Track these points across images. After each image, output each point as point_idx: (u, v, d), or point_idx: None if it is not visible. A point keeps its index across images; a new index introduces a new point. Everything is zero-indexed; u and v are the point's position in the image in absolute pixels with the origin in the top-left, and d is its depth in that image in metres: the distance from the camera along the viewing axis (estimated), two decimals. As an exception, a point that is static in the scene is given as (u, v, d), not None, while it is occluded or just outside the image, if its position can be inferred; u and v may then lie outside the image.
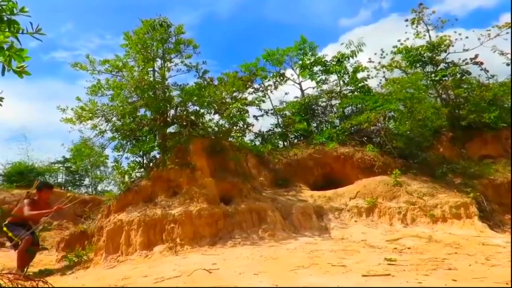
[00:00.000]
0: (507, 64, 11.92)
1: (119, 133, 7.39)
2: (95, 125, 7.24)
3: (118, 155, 7.41)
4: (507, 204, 9.11)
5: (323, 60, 12.08)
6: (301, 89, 12.71)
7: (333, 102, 12.04)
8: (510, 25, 11.54)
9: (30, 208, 5.57)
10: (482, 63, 12.05)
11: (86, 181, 18.82)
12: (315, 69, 12.29)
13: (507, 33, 11.61)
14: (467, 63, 12.02)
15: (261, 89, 12.27)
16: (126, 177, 7.28)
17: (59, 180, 17.22)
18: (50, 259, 7.13)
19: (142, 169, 7.60)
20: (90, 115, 7.13)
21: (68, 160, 14.95)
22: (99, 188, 19.00)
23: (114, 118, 7.43)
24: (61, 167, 17.57)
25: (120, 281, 4.03)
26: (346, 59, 11.74)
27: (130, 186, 6.94)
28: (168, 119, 7.90)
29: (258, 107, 11.55)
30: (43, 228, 3.94)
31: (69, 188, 17.22)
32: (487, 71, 12.18)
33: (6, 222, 5.70)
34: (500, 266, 3.97)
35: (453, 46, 12.00)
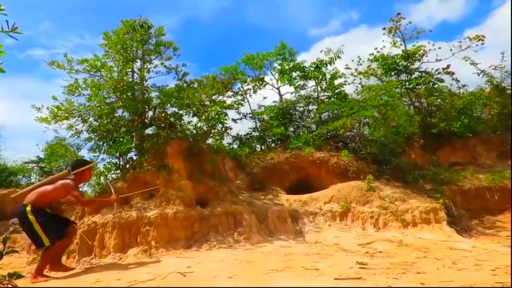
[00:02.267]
0: (478, 74, 12.44)
1: (95, 133, 7.30)
2: (71, 125, 7.14)
3: (94, 156, 7.32)
4: (474, 210, 9.49)
5: (302, 66, 12.26)
6: (279, 93, 12.87)
7: (311, 107, 12.27)
8: (479, 37, 12.06)
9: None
10: (453, 73, 12.56)
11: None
12: (294, 74, 12.45)
13: (477, 45, 12.14)
14: (439, 73, 12.48)
15: (240, 92, 12.35)
16: (102, 178, 7.19)
17: (32, 180, 16.71)
18: (21, 261, 6.92)
19: (118, 171, 7.53)
20: (66, 115, 7.02)
21: (42, 160, 14.56)
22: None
23: (90, 119, 7.34)
24: (35, 167, 17.07)
25: (93, 284, 4.00)
26: (324, 65, 11.97)
27: (105, 187, 6.86)
28: (146, 120, 7.86)
29: (236, 111, 11.62)
30: (13, 230, 3.76)
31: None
32: (458, 81, 12.71)
33: (30, 206, 4.43)
34: (466, 270, 4.11)
35: (427, 56, 12.44)
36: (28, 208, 4.40)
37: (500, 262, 4.49)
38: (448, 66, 12.42)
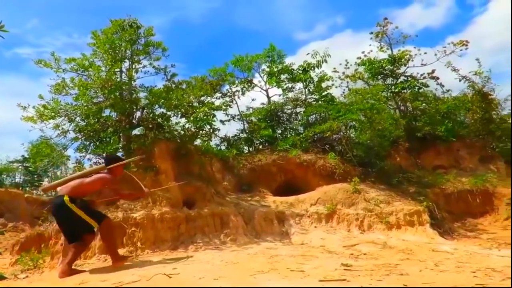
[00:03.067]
0: (459, 80, 12.75)
1: (82, 133, 7.24)
2: (57, 125, 7.06)
3: (80, 156, 7.26)
4: (456, 212, 9.73)
5: (290, 68, 12.35)
6: (267, 96, 12.93)
7: (298, 110, 12.37)
8: (463, 42, 12.35)
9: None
10: (438, 78, 12.85)
11: (45, 181, 18.14)
12: (282, 77, 12.54)
13: (461, 50, 12.43)
14: (424, 77, 12.75)
15: (228, 94, 12.40)
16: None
17: (17, 179, 16.51)
18: (3, 262, 6.85)
19: (104, 171, 7.47)
20: (53, 114, 6.94)
21: (27, 160, 14.37)
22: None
23: (77, 118, 7.27)
24: (20, 167, 16.85)
25: (78, 285, 3.98)
26: (312, 68, 12.07)
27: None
28: (134, 121, 7.82)
29: (225, 112, 11.64)
30: (-2, 231, 3.70)
31: (27, 188, 16.52)
32: (443, 85, 13.01)
33: (68, 197, 4.49)
34: (448, 271, 4.21)
35: (412, 60, 12.68)
36: (66, 198, 4.49)
37: (481, 264, 4.61)
38: (433, 71, 12.69)
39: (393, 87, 12.46)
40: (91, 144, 7.44)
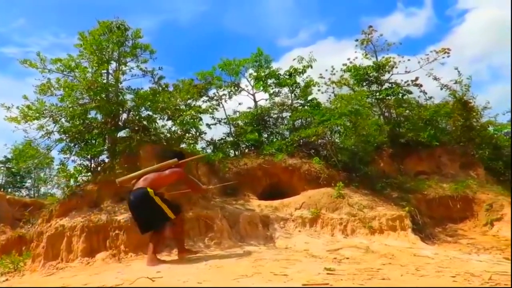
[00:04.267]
0: (440, 88, 13.06)
1: (67, 135, 7.17)
2: (41, 126, 6.98)
3: (65, 158, 7.19)
4: (437, 218, 9.91)
5: (277, 73, 12.44)
6: (254, 100, 12.97)
7: (284, 114, 12.45)
8: (445, 50, 12.64)
9: None
10: (421, 85, 13.10)
11: (28, 183, 17.80)
12: (269, 81, 12.62)
13: (443, 57, 12.73)
14: (408, 85, 12.98)
15: (215, 98, 12.40)
16: (72, 180, 7.07)
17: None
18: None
19: (89, 173, 7.41)
20: (37, 115, 6.86)
21: (10, 161, 14.09)
22: (43, 190, 18.03)
23: (62, 119, 7.21)
24: (2, 168, 16.51)
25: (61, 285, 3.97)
26: (298, 73, 12.19)
27: (75, 190, 6.75)
28: (120, 123, 7.79)
29: (211, 116, 11.64)
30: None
31: (9, 189, 16.18)
32: (426, 93, 13.27)
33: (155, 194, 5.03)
34: (428, 276, 4.27)
35: (396, 67, 12.91)
36: (151, 190, 4.99)
37: (460, 269, 4.68)
38: (417, 78, 12.93)
39: (377, 93, 12.65)
40: (76, 146, 7.37)
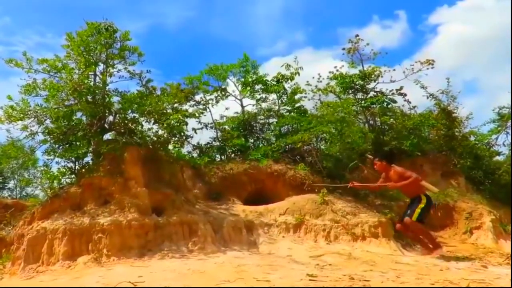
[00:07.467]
0: (427, 97, 13.34)
1: (51, 136, 7.10)
2: (26, 126, 6.90)
3: (48, 159, 7.11)
4: (418, 226, 10.06)
5: (264, 79, 12.53)
6: (241, 105, 13.03)
7: (271, 120, 12.55)
8: (429, 62, 12.93)
9: None
10: (405, 95, 13.34)
11: (11, 184, 17.40)
12: (256, 87, 12.70)
13: (427, 68, 13.01)
14: (393, 93, 13.21)
15: (202, 102, 12.41)
16: (55, 182, 6.99)
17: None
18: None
19: (73, 175, 7.35)
20: (21, 115, 6.77)
21: (-8, 161, 13.79)
22: (28, 191, 17.68)
23: (47, 121, 7.14)
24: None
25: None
26: (286, 80, 12.30)
27: (58, 192, 6.69)
28: (106, 125, 7.74)
29: (198, 120, 11.65)
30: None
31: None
32: (410, 102, 13.50)
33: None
34: (408, 283, 4.37)
35: (382, 77, 13.15)
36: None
37: (439, 277, 4.77)
38: (401, 88, 13.18)
39: (363, 101, 12.84)
40: (60, 147, 7.30)
